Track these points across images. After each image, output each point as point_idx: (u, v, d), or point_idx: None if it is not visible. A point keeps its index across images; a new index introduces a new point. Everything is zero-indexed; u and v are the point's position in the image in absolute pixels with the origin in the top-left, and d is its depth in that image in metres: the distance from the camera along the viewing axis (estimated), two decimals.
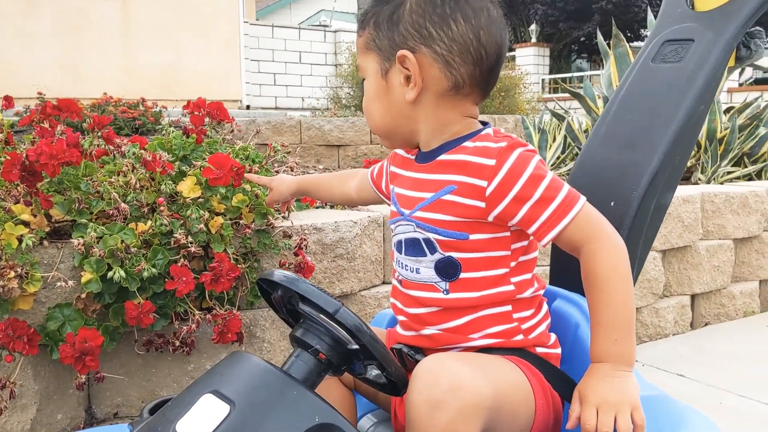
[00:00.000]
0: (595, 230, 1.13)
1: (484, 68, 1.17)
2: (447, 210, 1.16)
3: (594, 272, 1.12)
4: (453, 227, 1.16)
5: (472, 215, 1.15)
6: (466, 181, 1.15)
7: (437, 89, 1.16)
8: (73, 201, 1.74)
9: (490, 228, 1.16)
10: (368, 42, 1.20)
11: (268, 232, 1.99)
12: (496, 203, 1.13)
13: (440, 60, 1.14)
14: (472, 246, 1.17)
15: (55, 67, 8.65)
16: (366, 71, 1.22)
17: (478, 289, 1.18)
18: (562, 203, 1.12)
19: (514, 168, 1.12)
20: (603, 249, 1.12)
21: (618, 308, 1.10)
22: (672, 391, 2.52)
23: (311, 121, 5.72)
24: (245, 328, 2.00)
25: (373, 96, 1.21)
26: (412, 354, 1.23)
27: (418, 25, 1.14)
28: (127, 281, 1.66)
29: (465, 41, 1.14)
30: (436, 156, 1.21)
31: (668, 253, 3.22)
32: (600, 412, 1.06)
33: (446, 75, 1.15)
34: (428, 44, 1.14)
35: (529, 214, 1.12)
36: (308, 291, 1.05)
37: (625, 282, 1.11)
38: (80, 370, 1.64)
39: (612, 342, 1.10)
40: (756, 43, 1.59)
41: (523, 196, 1.12)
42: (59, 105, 1.96)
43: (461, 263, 1.18)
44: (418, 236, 1.20)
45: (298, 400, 0.99)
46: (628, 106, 1.57)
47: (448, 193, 1.17)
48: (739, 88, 12.08)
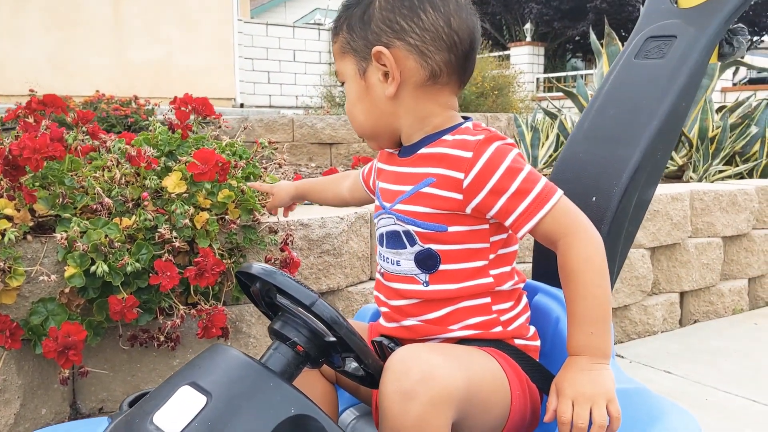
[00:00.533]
0: (571, 223, 1.14)
1: (459, 54, 1.19)
2: (426, 202, 1.18)
3: (569, 265, 1.13)
4: (432, 219, 1.18)
5: (450, 207, 1.16)
6: (444, 173, 1.16)
7: (415, 81, 1.18)
8: (57, 196, 1.74)
9: (469, 220, 1.18)
10: (343, 46, 1.22)
11: (254, 228, 1.99)
12: (473, 195, 1.14)
13: (415, 51, 1.16)
14: (451, 238, 1.18)
15: (46, 63, 8.63)
16: (345, 75, 1.24)
17: (458, 281, 1.19)
18: (538, 196, 1.13)
19: (490, 160, 1.13)
20: (578, 242, 1.13)
21: (593, 301, 1.11)
22: (658, 387, 2.53)
23: (303, 119, 5.71)
24: (231, 324, 1.99)
25: (354, 98, 1.23)
26: (393, 346, 1.24)
27: (388, 20, 1.16)
28: (111, 276, 1.66)
29: (436, 29, 1.16)
30: (417, 149, 1.22)
31: (657, 250, 3.23)
32: (576, 405, 1.06)
33: (422, 65, 1.17)
34: (401, 37, 1.16)
35: (505, 206, 1.14)
36: (285, 283, 1.05)
37: (600, 275, 1.12)
38: (63, 365, 1.64)
39: (588, 335, 1.11)
40: (738, 40, 1.60)
41: (500, 188, 1.13)
42: (44, 100, 1.95)
43: (440, 255, 1.19)
44: (398, 229, 1.22)
45: (274, 392, 0.99)
46: (611, 102, 1.58)
47: (427, 186, 1.18)
48: (733, 87, 12.11)
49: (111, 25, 9.21)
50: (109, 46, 9.20)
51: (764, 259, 3.68)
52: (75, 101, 5.90)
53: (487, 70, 8.61)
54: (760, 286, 3.71)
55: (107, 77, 8.76)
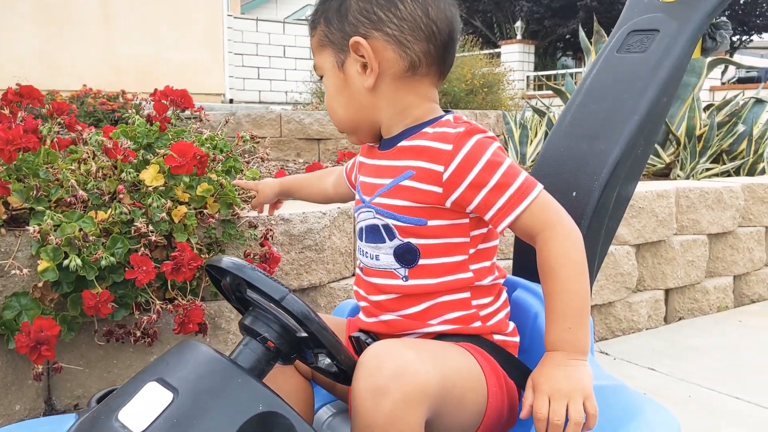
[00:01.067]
0: (550, 218, 1.13)
1: (438, 44, 1.17)
2: (405, 195, 1.16)
3: (547, 260, 1.11)
4: (411, 213, 1.16)
5: (429, 201, 1.15)
6: (424, 166, 1.15)
7: (394, 72, 1.16)
8: (32, 188, 1.71)
9: (449, 214, 1.16)
10: (321, 39, 1.21)
11: (234, 223, 1.96)
12: (453, 188, 1.13)
13: (393, 41, 1.15)
14: (430, 232, 1.16)
15: (35, 58, 8.55)
16: (323, 68, 1.22)
17: (437, 275, 1.18)
18: (518, 190, 1.12)
19: (470, 154, 1.12)
20: (557, 236, 1.11)
21: (571, 296, 1.10)
22: (642, 384, 2.53)
23: (291, 115, 5.68)
24: (209, 319, 1.97)
25: (333, 91, 1.22)
26: (370, 342, 1.22)
27: (365, 11, 1.15)
28: (84, 270, 1.63)
29: (414, 18, 1.14)
30: (397, 142, 1.21)
31: (642, 247, 3.22)
32: (552, 401, 1.05)
33: (401, 55, 1.15)
34: (379, 28, 1.14)
35: (485, 200, 1.12)
36: (254, 277, 1.03)
37: (578, 270, 1.11)
38: (36, 360, 1.61)
39: (565, 330, 1.10)
40: (721, 34, 1.60)
41: (480, 182, 1.12)
42: (21, 91, 1.92)
43: (420, 249, 1.17)
44: (378, 222, 1.20)
45: (242, 389, 0.97)
46: (592, 96, 1.56)
47: (407, 179, 1.16)
48: (722, 86, 12.15)
49: (100, 21, 9.13)
50: (98, 41, 9.13)
51: (749, 257, 3.69)
52: (62, 96, 5.86)
53: (478, 68, 8.60)
54: (745, 284, 3.72)
55: (96, 73, 8.68)
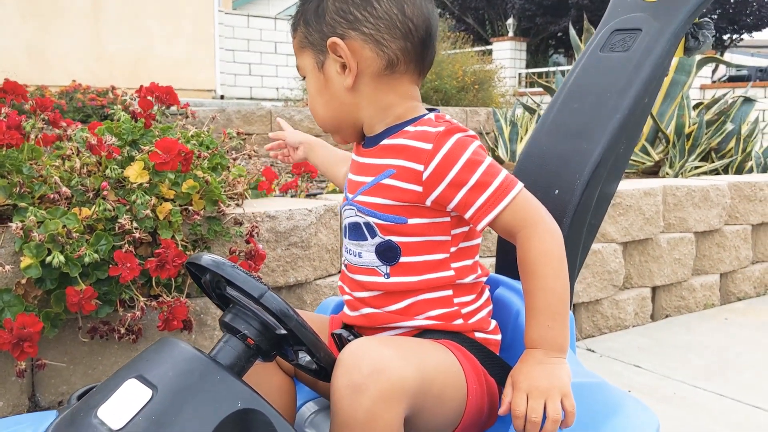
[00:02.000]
0: (530, 216, 1.14)
1: (415, 41, 1.18)
2: (386, 194, 1.17)
3: (528, 257, 1.12)
4: (391, 211, 1.17)
5: (409, 199, 1.16)
6: (404, 165, 1.16)
7: (373, 71, 1.17)
8: (15, 184, 1.70)
9: (429, 213, 1.17)
10: (301, 40, 1.22)
11: (219, 219, 1.96)
12: (433, 187, 1.14)
13: (370, 40, 1.15)
14: (411, 230, 1.17)
15: (23, 53, 8.50)
16: (304, 69, 1.24)
17: (418, 273, 1.19)
18: (497, 189, 1.13)
19: (450, 153, 1.13)
20: (537, 234, 1.12)
21: (551, 294, 1.11)
22: (627, 381, 2.54)
23: (282, 111, 5.68)
24: (195, 316, 1.97)
25: (314, 92, 1.23)
26: (352, 339, 1.23)
27: (342, 11, 1.16)
28: (68, 266, 1.63)
29: (390, 16, 1.15)
30: (380, 140, 1.21)
31: (629, 245, 3.24)
32: (530, 398, 1.06)
33: (378, 54, 1.16)
34: (355, 27, 1.16)
35: (465, 199, 1.13)
36: (233, 275, 1.03)
37: (558, 268, 1.12)
38: (18, 357, 1.60)
39: (545, 328, 1.11)
40: (704, 34, 1.60)
41: (459, 181, 1.12)
42: (5, 87, 1.91)
43: (401, 247, 1.18)
44: (359, 220, 1.21)
45: (221, 386, 0.98)
46: (575, 95, 1.57)
47: (387, 177, 1.17)
48: (712, 84, 12.20)
49: (90, 15, 9.08)
50: (88, 36, 9.08)
51: (735, 255, 3.71)
52: (51, 91, 5.83)
53: (469, 65, 8.61)
54: (732, 282, 3.74)
55: (85, 67, 8.65)
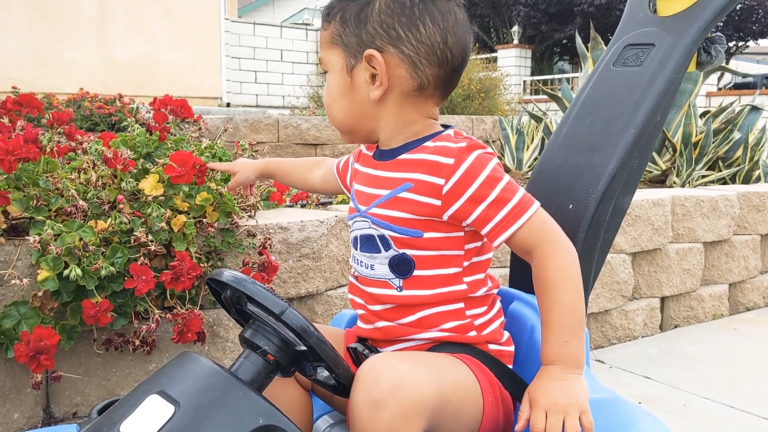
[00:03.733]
0: (547, 234, 1.15)
1: (448, 69, 1.19)
2: (403, 207, 1.18)
3: (545, 275, 1.13)
4: (408, 224, 1.17)
5: (427, 213, 1.16)
6: (423, 178, 1.16)
7: (402, 89, 1.18)
8: (32, 197, 1.72)
9: (445, 227, 1.18)
10: (334, 37, 1.20)
11: (233, 231, 1.97)
12: (452, 202, 1.14)
13: (407, 61, 1.15)
14: (426, 244, 1.18)
15: (30, 60, 8.55)
16: (330, 65, 1.22)
17: (431, 286, 1.19)
18: (516, 206, 1.14)
19: (471, 168, 1.13)
20: (554, 252, 1.13)
21: (568, 310, 1.12)
22: (637, 393, 2.54)
23: (289, 120, 5.70)
24: (208, 328, 1.98)
25: (336, 92, 1.22)
26: (367, 353, 1.23)
27: (386, 25, 1.15)
28: (84, 279, 1.64)
29: (432, 43, 1.15)
30: (397, 155, 1.22)
31: (638, 255, 3.24)
32: (549, 415, 1.06)
33: (412, 75, 1.16)
34: (396, 45, 1.15)
35: (483, 214, 1.14)
36: (255, 291, 1.04)
37: (575, 285, 1.13)
38: (35, 369, 1.62)
39: (562, 344, 1.11)
40: (716, 49, 1.60)
41: (479, 196, 1.13)
42: (20, 100, 1.93)
43: (415, 260, 1.19)
44: (373, 233, 1.21)
45: (242, 402, 0.99)
46: (588, 109, 1.58)
47: (405, 191, 1.18)
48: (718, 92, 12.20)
49: (96, 22, 9.13)
50: (95, 43, 9.13)
51: (744, 265, 3.71)
52: (58, 99, 5.86)
53: (474, 72, 8.62)
54: (741, 292, 3.74)
55: (92, 75, 8.69)
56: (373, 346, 1.26)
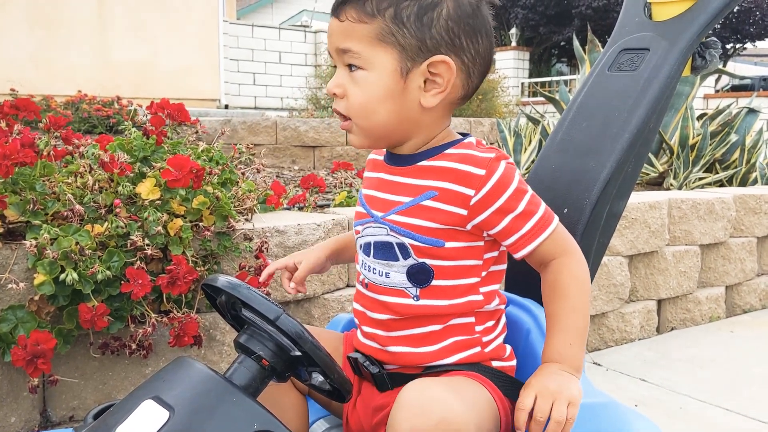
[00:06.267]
0: (566, 246, 1.18)
1: (482, 81, 1.20)
2: (426, 216, 1.15)
3: (560, 282, 1.16)
4: (430, 233, 1.15)
5: (451, 222, 1.14)
6: (450, 187, 1.14)
7: (452, 98, 1.16)
8: (28, 201, 1.72)
9: (466, 236, 1.16)
10: (383, 34, 1.10)
11: (229, 235, 1.98)
12: (479, 212, 1.13)
13: (464, 70, 1.14)
14: (446, 253, 1.16)
15: (29, 62, 8.55)
16: (372, 64, 1.11)
17: (449, 297, 1.17)
18: (540, 219, 1.15)
19: (502, 179, 1.13)
20: (573, 262, 1.17)
21: (579, 315, 1.16)
22: (633, 395, 2.55)
23: (287, 122, 5.70)
24: (204, 331, 1.98)
25: (382, 94, 1.12)
26: (368, 365, 1.23)
27: (452, 32, 1.11)
28: (81, 284, 1.65)
29: (485, 56, 1.16)
30: (417, 161, 1.19)
31: (635, 258, 3.25)
32: (538, 398, 1.07)
33: (463, 85, 1.16)
34: (458, 53, 1.12)
35: (509, 226, 1.14)
36: (249, 297, 1.04)
37: (587, 293, 1.18)
38: (32, 373, 1.62)
39: (566, 346, 1.14)
40: (711, 53, 1.61)
41: (507, 207, 1.13)
42: (17, 104, 1.93)
43: (434, 270, 1.17)
44: (392, 240, 1.18)
45: (237, 407, 0.99)
46: (583, 114, 1.58)
47: (428, 199, 1.15)
48: (715, 94, 12.21)
49: (95, 25, 9.14)
50: (93, 45, 9.13)
51: (741, 267, 3.72)
52: (57, 101, 5.86)
53: None
54: (737, 294, 3.74)
55: (91, 77, 8.69)
56: (374, 359, 1.23)
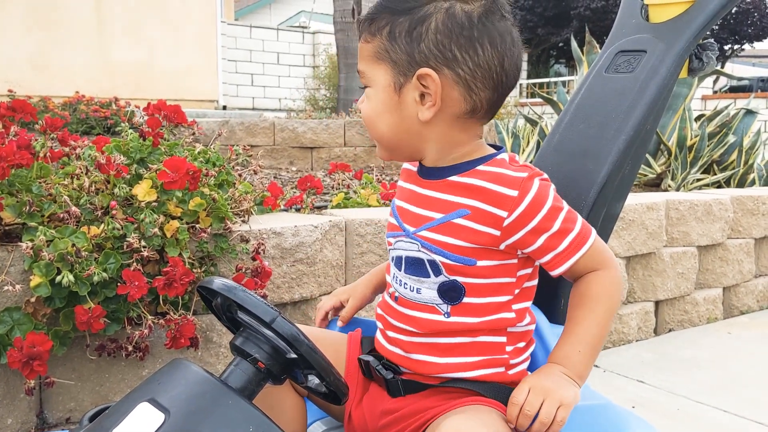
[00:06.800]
0: (604, 261, 1.16)
1: (501, 92, 1.15)
2: (457, 234, 1.13)
3: (592, 294, 1.15)
4: (462, 252, 1.13)
5: (483, 242, 1.12)
6: (483, 207, 1.12)
7: (453, 111, 1.13)
8: (24, 203, 1.72)
9: (500, 255, 1.14)
10: (380, 52, 1.13)
11: (226, 237, 1.97)
12: (513, 233, 1.11)
13: (462, 84, 1.11)
14: (478, 272, 1.14)
15: (27, 64, 8.54)
16: (373, 81, 1.15)
17: (481, 314, 1.16)
18: (577, 236, 1.12)
19: (535, 200, 1.10)
20: (608, 277, 1.16)
21: (596, 327, 1.14)
22: (631, 397, 2.54)
23: (285, 123, 5.70)
24: (201, 333, 1.98)
25: (381, 109, 1.15)
26: (380, 369, 1.22)
27: (442, 45, 1.09)
28: (77, 286, 1.64)
29: (489, 67, 1.11)
30: (447, 176, 1.17)
31: (632, 259, 3.25)
32: (531, 392, 1.05)
33: (466, 99, 1.12)
34: (451, 66, 1.10)
35: (545, 245, 1.11)
36: (245, 300, 1.04)
37: (613, 310, 1.16)
38: (28, 375, 1.61)
39: (576, 352, 1.12)
40: (708, 55, 1.61)
41: (542, 228, 1.10)
42: (14, 106, 1.93)
43: (466, 288, 1.15)
44: (423, 257, 1.16)
45: (233, 410, 0.99)
46: (580, 116, 1.58)
47: (460, 217, 1.13)
48: (713, 95, 12.23)
49: (93, 26, 9.13)
50: (91, 46, 9.13)
51: (738, 269, 3.72)
52: (55, 102, 5.86)
53: None
54: (735, 295, 3.75)
55: (89, 78, 8.69)
56: (391, 363, 1.22)
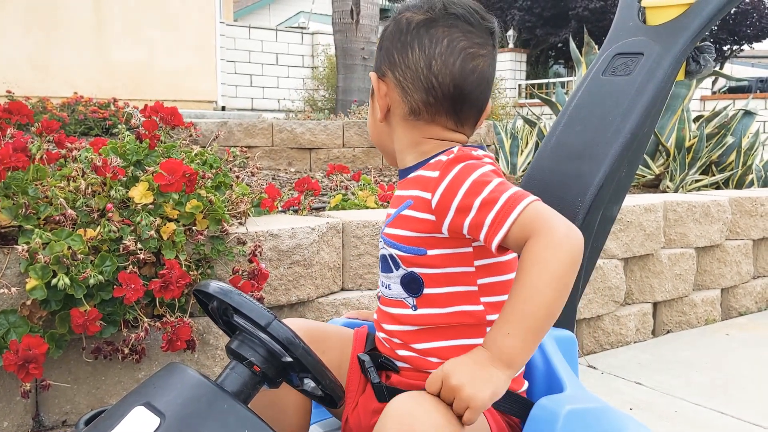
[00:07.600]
0: (540, 226, 1.02)
1: (438, 96, 1.17)
2: (406, 225, 1.17)
3: (523, 265, 1.02)
4: (411, 242, 1.16)
5: (426, 229, 1.14)
6: (418, 194, 1.15)
7: (399, 112, 1.22)
8: (20, 206, 1.71)
9: (450, 243, 1.14)
10: None
11: (223, 239, 1.97)
12: (443, 215, 1.11)
13: (398, 85, 1.20)
14: (431, 262, 1.15)
15: (26, 64, 8.52)
16: None
17: (445, 305, 1.16)
18: (504, 204, 1.05)
19: (455, 179, 1.10)
20: (540, 244, 1.01)
21: (530, 305, 0.99)
22: (629, 399, 2.54)
23: (283, 124, 5.69)
24: (198, 335, 1.98)
25: (369, 112, 1.31)
26: (371, 371, 1.23)
27: (388, 50, 1.22)
28: (73, 288, 1.64)
29: (416, 69, 1.18)
30: (407, 174, 1.23)
31: (630, 261, 3.25)
32: (443, 387, 1.00)
33: (404, 100, 1.20)
34: (392, 69, 1.21)
35: (474, 221, 1.07)
36: (241, 303, 1.04)
37: (553, 280, 0.99)
38: (24, 378, 1.61)
39: (504, 334, 1.00)
40: (705, 58, 1.61)
41: (465, 205, 1.08)
42: (10, 108, 1.93)
43: (423, 279, 1.17)
44: (385, 252, 1.22)
45: (228, 413, 0.98)
46: (577, 118, 1.58)
47: (406, 208, 1.17)
48: (712, 96, 12.23)
49: (92, 26, 9.12)
50: (90, 47, 9.11)
51: (737, 270, 3.72)
52: (53, 103, 5.85)
53: None
54: (733, 297, 3.74)
55: (88, 78, 8.67)
56: (388, 359, 1.23)
